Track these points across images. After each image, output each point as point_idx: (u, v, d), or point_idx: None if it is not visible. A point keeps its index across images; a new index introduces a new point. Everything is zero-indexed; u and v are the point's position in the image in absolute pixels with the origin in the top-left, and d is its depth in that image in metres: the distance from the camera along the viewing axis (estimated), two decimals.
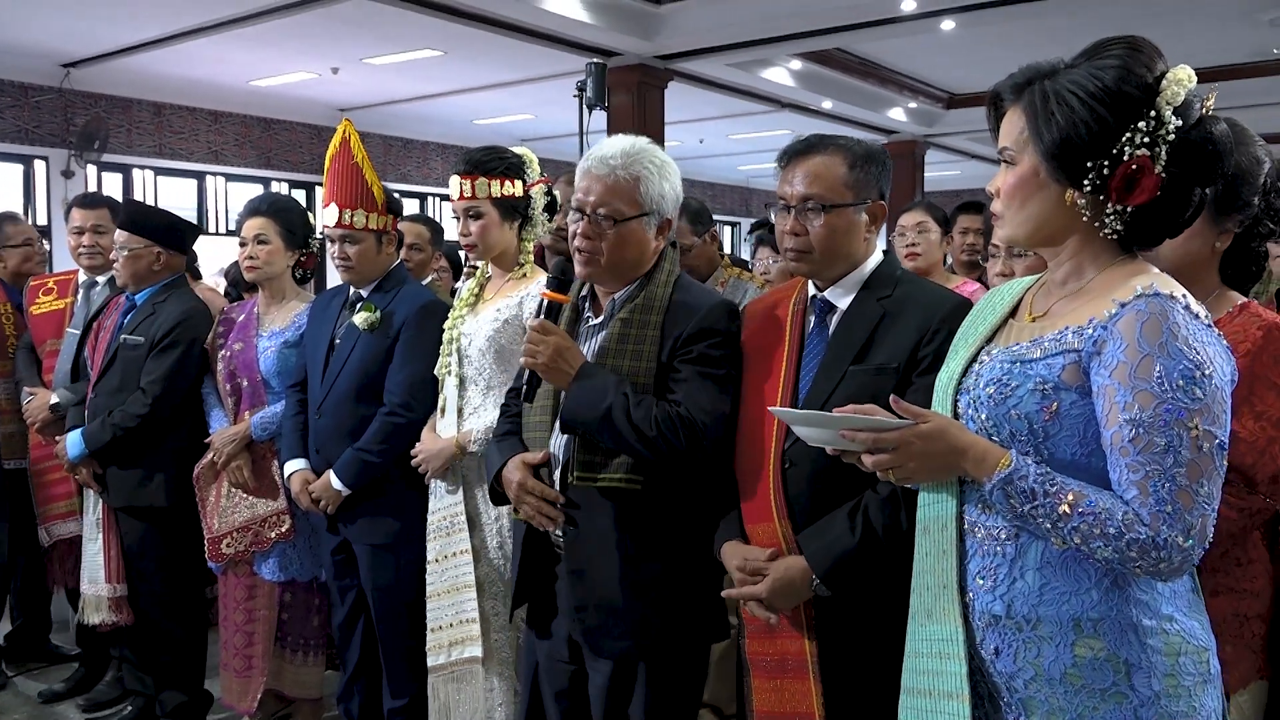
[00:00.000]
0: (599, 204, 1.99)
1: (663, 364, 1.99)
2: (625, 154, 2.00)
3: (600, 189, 1.99)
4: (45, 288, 3.77)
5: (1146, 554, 1.26)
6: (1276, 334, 1.69)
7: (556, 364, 1.97)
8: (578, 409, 1.96)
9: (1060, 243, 1.44)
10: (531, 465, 2.08)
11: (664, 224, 2.07)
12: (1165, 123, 1.32)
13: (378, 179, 2.81)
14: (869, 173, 1.90)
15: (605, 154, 2.01)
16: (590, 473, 1.98)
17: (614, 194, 1.99)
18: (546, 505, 2.04)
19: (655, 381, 1.98)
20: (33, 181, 10.99)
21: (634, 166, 2.00)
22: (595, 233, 2.00)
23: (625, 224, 2.00)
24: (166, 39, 9.37)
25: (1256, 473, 1.66)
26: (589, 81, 8.29)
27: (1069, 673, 1.35)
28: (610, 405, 1.91)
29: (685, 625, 2.04)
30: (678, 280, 2.08)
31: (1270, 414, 1.66)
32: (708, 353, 1.98)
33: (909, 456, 1.40)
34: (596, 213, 1.99)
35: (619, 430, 1.91)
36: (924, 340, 1.80)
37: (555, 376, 1.99)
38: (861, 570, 1.77)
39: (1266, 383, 1.66)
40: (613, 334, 2.03)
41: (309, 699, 3.23)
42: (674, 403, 1.94)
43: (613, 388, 1.93)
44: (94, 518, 3.35)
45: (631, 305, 2.03)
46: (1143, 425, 1.27)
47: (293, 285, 3.19)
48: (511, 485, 2.08)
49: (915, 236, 3.45)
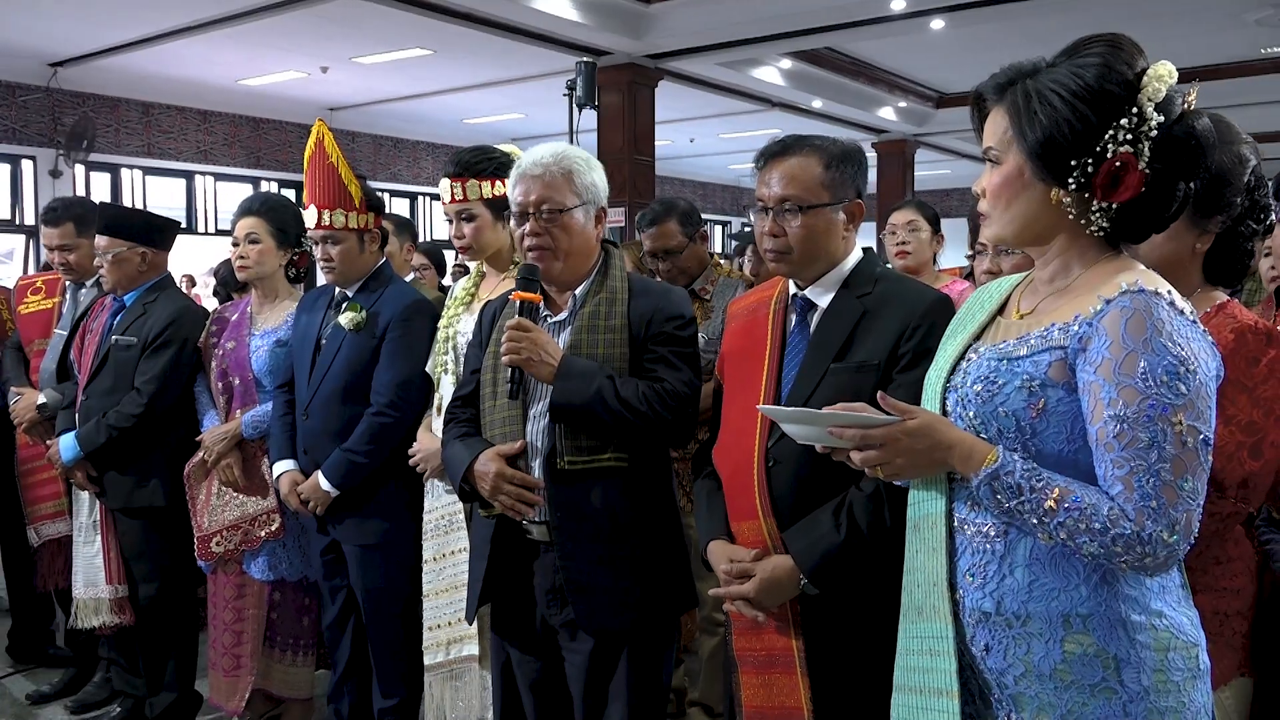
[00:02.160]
0: (540, 201, 2.12)
1: (634, 350, 2.10)
2: (554, 154, 2.16)
3: (539, 188, 2.12)
4: (33, 287, 3.75)
5: (1131, 549, 1.27)
6: (1249, 337, 1.68)
7: (540, 357, 2.03)
8: (569, 396, 2.02)
9: (1047, 241, 1.44)
10: (505, 456, 2.10)
11: (599, 212, 2.21)
12: (1147, 119, 1.32)
13: (355, 178, 2.80)
14: (845, 172, 1.92)
15: (536, 158, 2.15)
16: (581, 456, 2.05)
17: (551, 189, 2.12)
18: (526, 493, 2.07)
19: (629, 367, 2.09)
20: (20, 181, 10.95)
21: (564, 162, 2.15)
22: (543, 228, 2.11)
23: (568, 214, 2.13)
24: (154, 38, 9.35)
25: (1225, 478, 1.65)
26: (579, 81, 8.29)
27: (1058, 668, 1.36)
28: (599, 388, 2.01)
29: (663, 597, 2.14)
30: (631, 275, 2.23)
31: (1239, 418, 1.65)
32: (676, 334, 2.13)
33: (896, 452, 1.40)
34: (540, 210, 2.11)
35: (611, 409, 2.00)
36: (904, 337, 1.82)
37: (539, 369, 2.05)
38: (847, 567, 1.78)
39: (1238, 386, 1.65)
40: (582, 326, 2.11)
41: (298, 699, 3.22)
42: (656, 379, 2.07)
43: (597, 373, 2.04)
44: (89, 520, 3.33)
45: (596, 299, 2.15)
46: (1127, 421, 1.27)
47: (286, 285, 3.18)
48: (487, 477, 2.08)
49: (906, 235, 3.46)
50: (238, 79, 11.04)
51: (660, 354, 2.10)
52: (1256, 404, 1.66)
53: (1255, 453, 1.65)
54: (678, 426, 2.07)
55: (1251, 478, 1.67)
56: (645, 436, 2.06)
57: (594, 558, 2.06)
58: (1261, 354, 1.68)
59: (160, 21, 8.87)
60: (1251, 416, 1.66)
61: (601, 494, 2.06)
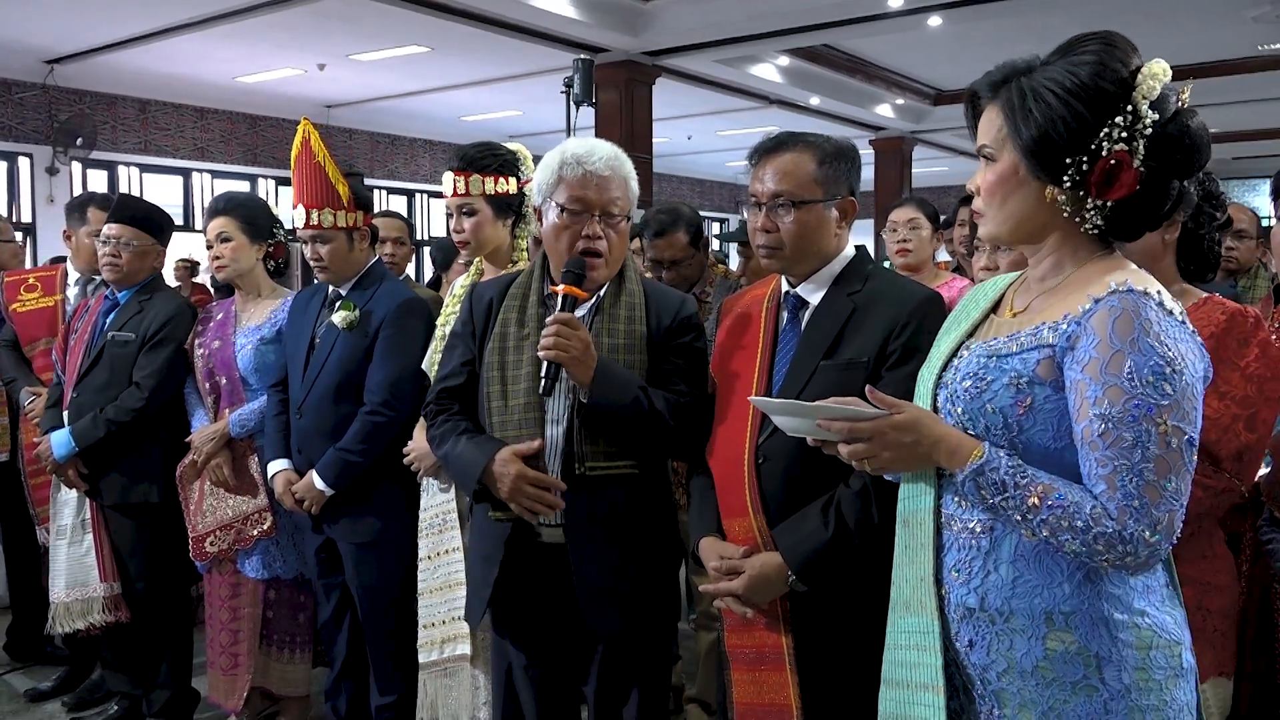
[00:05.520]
0: (609, 203, 2.06)
1: (653, 356, 2.08)
2: (615, 155, 2.10)
3: (610, 189, 2.06)
4: (26, 284, 3.70)
5: (1113, 548, 1.28)
6: (1240, 318, 1.76)
7: (585, 358, 1.95)
8: (610, 396, 1.97)
9: (1041, 239, 1.45)
10: (523, 456, 2.01)
11: None
12: (1142, 117, 1.33)
13: (341, 176, 2.79)
14: (838, 169, 1.92)
15: (604, 156, 2.07)
16: (602, 462, 2.02)
17: (619, 191, 2.08)
18: (547, 495, 2.00)
19: (648, 374, 2.07)
20: (17, 178, 10.94)
21: (625, 168, 2.11)
22: (602, 233, 2.06)
23: (623, 222, 2.11)
24: (151, 35, 9.33)
25: (1220, 449, 1.70)
26: (576, 78, 8.27)
27: (1040, 665, 1.37)
28: (638, 396, 1.98)
29: (668, 601, 2.15)
30: (643, 280, 2.21)
31: (1234, 393, 1.71)
32: (693, 345, 2.11)
33: (883, 446, 1.41)
34: (610, 213, 2.06)
35: (646, 417, 1.98)
36: (893, 334, 1.83)
37: (580, 370, 1.95)
38: (835, 564, 1.79)
39: (1230, 364, 1.71)
40: (602, 328, 2.07)
41: (296, 696, 3.23)
42: (679, 392, 2.04)
43: (633, 379, 2.01)
44: (77, 520, 3.30)
45: (616, 303, 2.11)
46: (1112, 420, 1.28)
47: (268, 281, 3.18)
48: (507, 479, 1.98)
49: (907, 233, 3.44)
50: (235, 76, 11.02)
51: (678, 365, 2.08)
52: (1249, 380, 1.71)
53: (1251, 425, 1.71)
54: (693, 440, 2.04)
55: (1246, 450, 1.72)
56: (665, 447, 2.06)
57: (606, 562, 2.04)
58: (1251, 336, 1.75)
59: (157, 18, 8.85)
60: (1246, 391, 1.71)
61: (615, 499, 2.04)
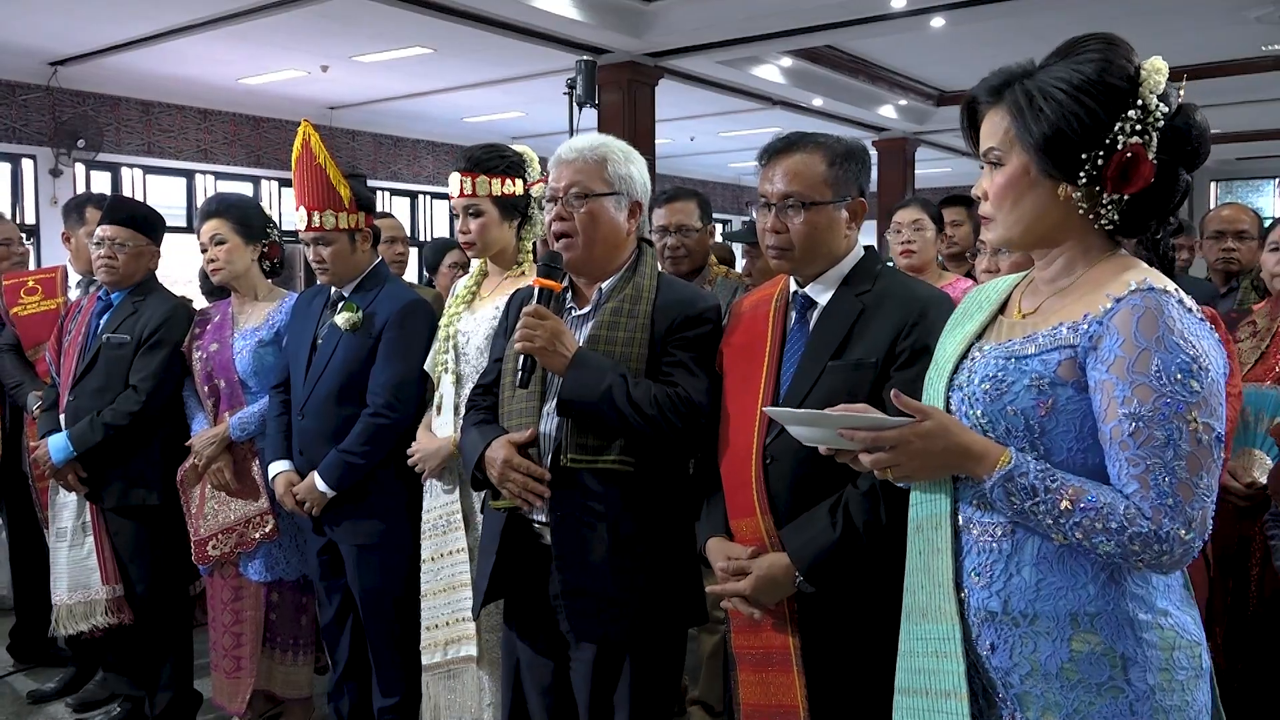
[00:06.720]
0: (569, 185, 2.08)
1: (654, 352, 2.04)
2: (591, 142, 2.13)
3: (569, 172, 2.09)
4: (27, 287, 3.69)
5: (1149, 547, 1.27)
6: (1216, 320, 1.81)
7: (554, 347, 1.98)
8: (578, 390, 1.97)
9: (1053, 242, 1.44)
10: (517, 444, 2.05)
11: (634, 206, 2.14)
12: (1152, 110, 1.34)
13: (342, 178, 2.78)
14: (849, 170, 1.92)
15: (573, 144, 2.12)
16: (584, 455, 2.00)
17: (580, 173, 2.09)
18: (534, 483, 2.02)
19: (646, 369, 2.03)
20: (20, 180, 10.94)
21: (599, 150, 2.11)
22: (567, 213, 2.08)
23: (595, 200, 2.07)
24: (154, 37, 9.32)
25: None
26: (579, 79, 8.26)
27: (1065, 667, 1.36)
28: (610, 386, 1.95)
29: (668, 609, 2.08)
30: (661, 275, 2.17)
31: None
32: (700, 341, 2.06)
33: (908, 455, 1.39)
34: (568, 193, 2.07)
35: (619, 409, 1.95)
36: (901, 335, 1.82)
37: (551, 360, 1.99)
38: (843, 566, 1.77)
39: None
40: (603, 321, 2.06)
41: (299, 698, 3.22)
42: (671, 383, 2.00)
43: (610, 369, 1.98)
44: (76, 523, 3.29)
45: (621, 295, 2.09)
46: (1142, 419, 1.27)
47: (264, 283, 3.17)
48: (495, 464, 2.03)
49: (911, 234, 3.43)
50: (238, 78, 11.02)
51: (679, 358, 2.04)
52: None
53: None
54: (689, 435, 2.00)
55: None
56: (652, 441, 1.99)
57: (591, 564, 2.01)
58: None
59: (160, 20, 8.85)
60: None
61: (603, 498, 2.00)
